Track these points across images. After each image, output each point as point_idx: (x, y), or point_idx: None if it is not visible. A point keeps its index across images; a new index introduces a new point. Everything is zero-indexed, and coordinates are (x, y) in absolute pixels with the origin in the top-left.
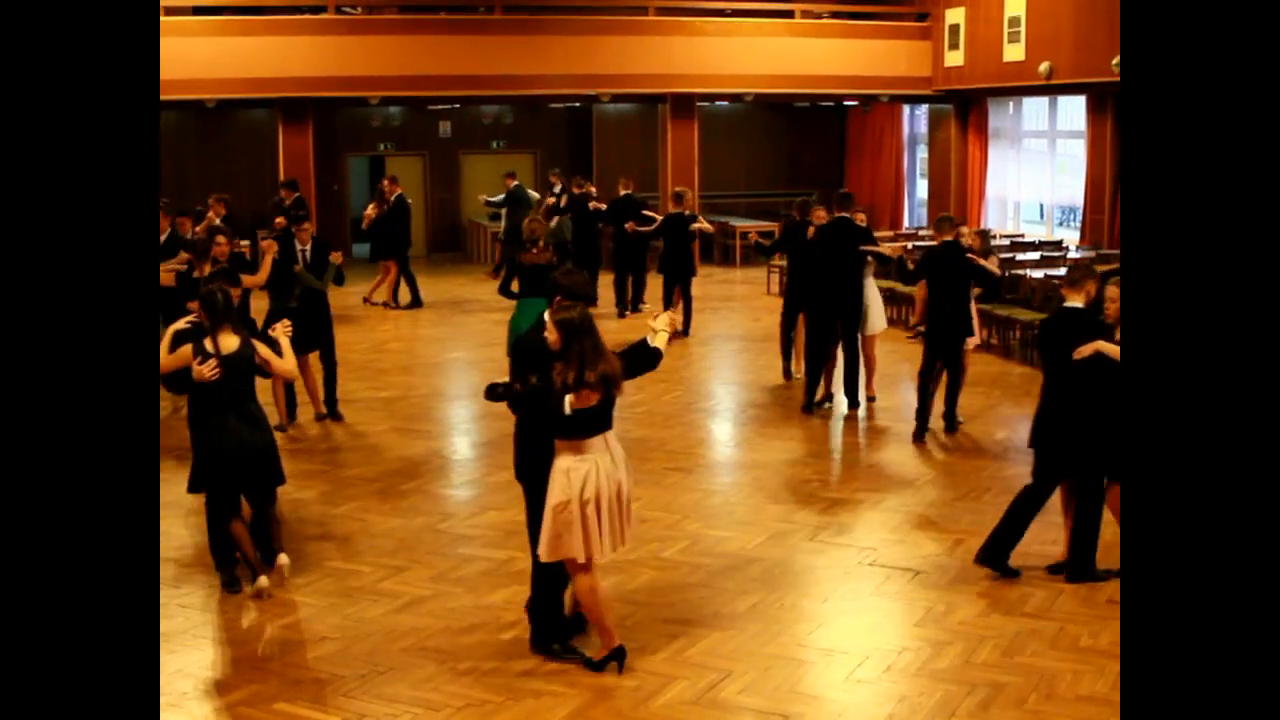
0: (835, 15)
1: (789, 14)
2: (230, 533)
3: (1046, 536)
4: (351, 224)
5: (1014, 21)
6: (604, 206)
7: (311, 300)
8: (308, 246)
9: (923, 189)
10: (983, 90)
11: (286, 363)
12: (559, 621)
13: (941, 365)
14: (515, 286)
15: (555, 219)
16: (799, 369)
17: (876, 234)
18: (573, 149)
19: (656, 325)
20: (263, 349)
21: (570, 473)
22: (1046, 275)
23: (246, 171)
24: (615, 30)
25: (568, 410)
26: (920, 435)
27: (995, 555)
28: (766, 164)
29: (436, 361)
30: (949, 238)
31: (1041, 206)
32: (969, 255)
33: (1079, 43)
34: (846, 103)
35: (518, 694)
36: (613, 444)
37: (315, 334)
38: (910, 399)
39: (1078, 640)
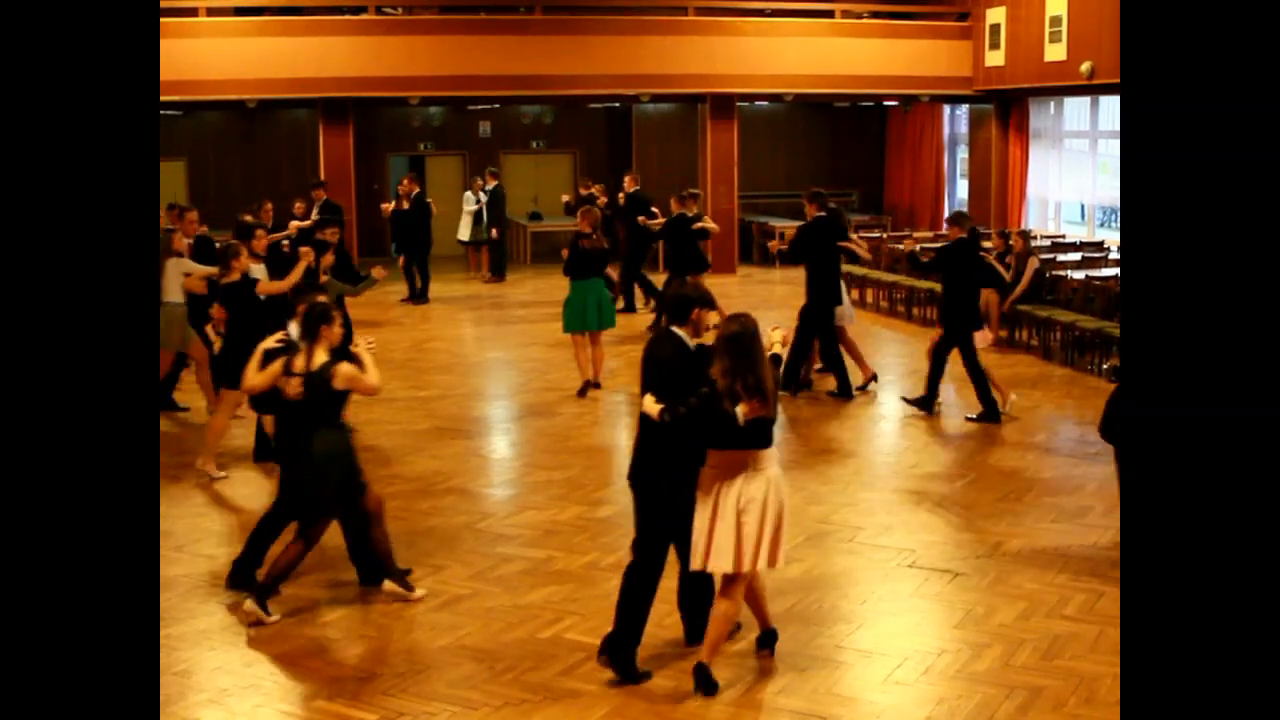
0: (875, 15)
1: (829, 14)
2: (292, 560)
3: (1087, 540)
4: (390, 223)
5: (1055, 21)
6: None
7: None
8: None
9: (963, 189)
10: (1024, 90)
11: (373, 377)
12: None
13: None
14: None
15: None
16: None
17: (915, 234)
18: (612, 149)
19: (775, 337)
20: (346, 368)
21: (729, 485)
22: (1088, 276)
23: (288, 171)
24: (655, 30)
25: (742, 420)
26: (922, 404)
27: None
28: (806, 164)
29: (476, 361)
30: (963, 234)
31: (1083, 207)
32: (982, 253)
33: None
34: (887, 103)
35: (555, 693)
36: (765, 464)
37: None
38: (950, 399)
39: (1119, 643)
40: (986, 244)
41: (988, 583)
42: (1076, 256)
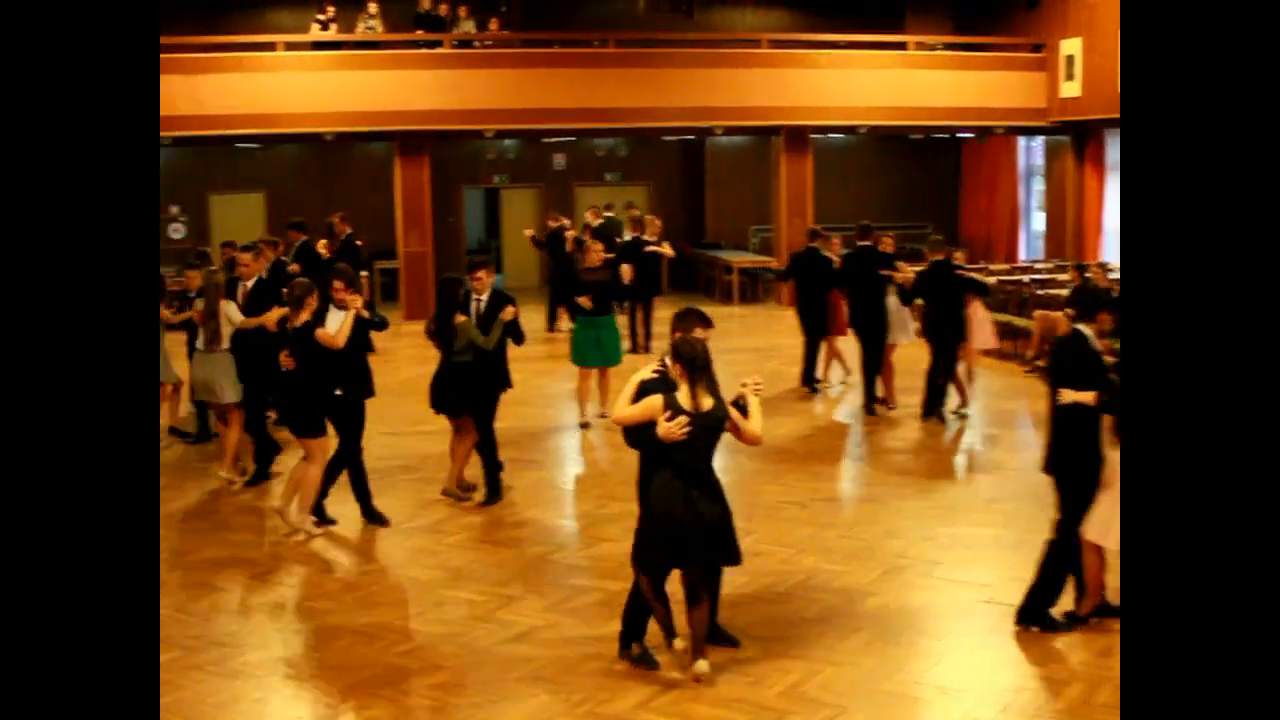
0: (949, 46)
1: (902, 45)
2: (651, 607)
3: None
4: (464, 255)
5: None
6: (583, 236)
7: (483, 358)
8: (484, 296)
9: (1039, 221)
10: (1100, 121)
11: (756, 425)
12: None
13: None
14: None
15: None
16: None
17: (990, 267)
18: (686, 182)
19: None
20: (737, 414)
21: None
22: None
23: (366, 204)
24: (729, 63)
25: None
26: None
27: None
28: (881, 196)
29: (548, 393)
30: (868, 241)
31: None
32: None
33: None
34: (961, 134)
35: None
36: None
37: (477, 396)
38: (1027, 435)
39: None
40: (1063, 276)
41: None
42: None
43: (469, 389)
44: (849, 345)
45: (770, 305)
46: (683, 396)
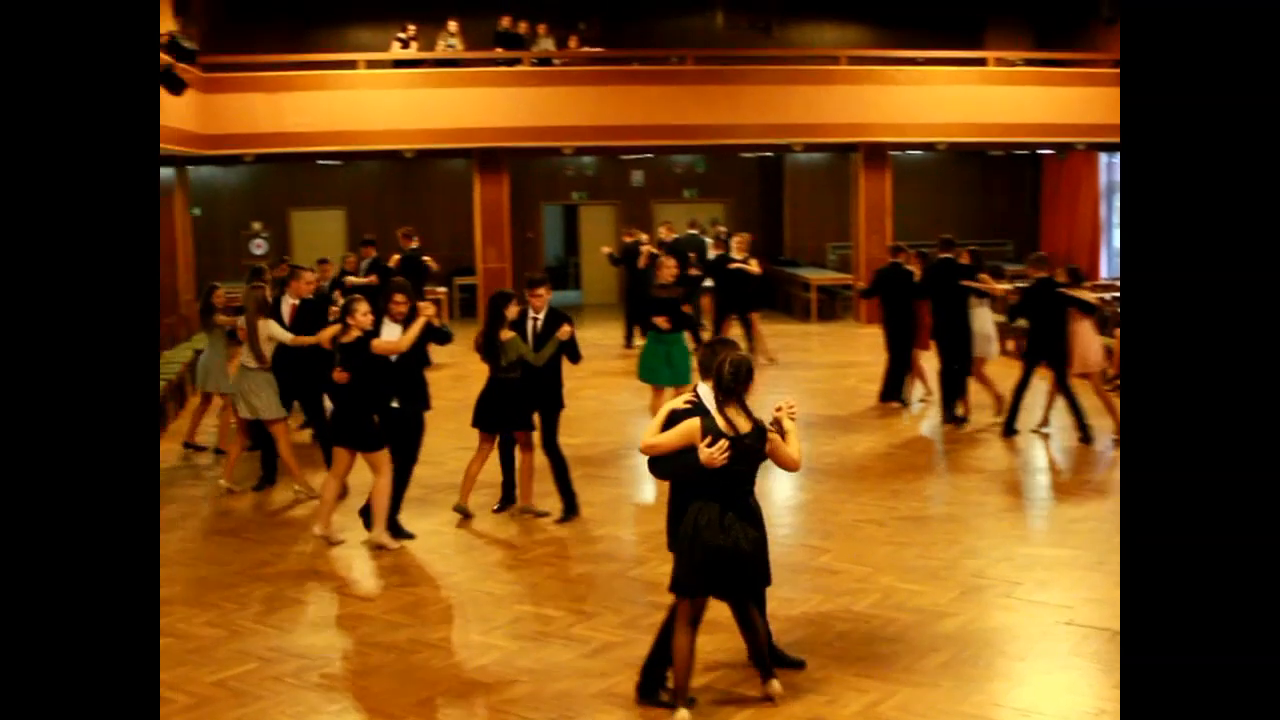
0: (1029, 62)
1: (982, 61)
2: (674, 651)
3: None
4: (542, 271)
5: None
6: (656, 251)
7: (532, 375)
8: (541, 314)
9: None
10: None
11: (794, 449)
12: None
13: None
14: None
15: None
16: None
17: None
18: (764, 198)
19: None
20: (777, 437)
21: None
22: None
23: (445, 220)
24: (807, 80)
25: None
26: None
27: None
28: (960, 213)
29: (624, 409)
30: (949, 254)
31: None
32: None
33: None
34: (1041, 151)
35: None
36: None
37: (521, 414)
38: (1108, 454)
39: None
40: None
41: None
42: None
43: (514, 406)
44: (929, 360)
45: (848, 322)
46: (720, 419)
